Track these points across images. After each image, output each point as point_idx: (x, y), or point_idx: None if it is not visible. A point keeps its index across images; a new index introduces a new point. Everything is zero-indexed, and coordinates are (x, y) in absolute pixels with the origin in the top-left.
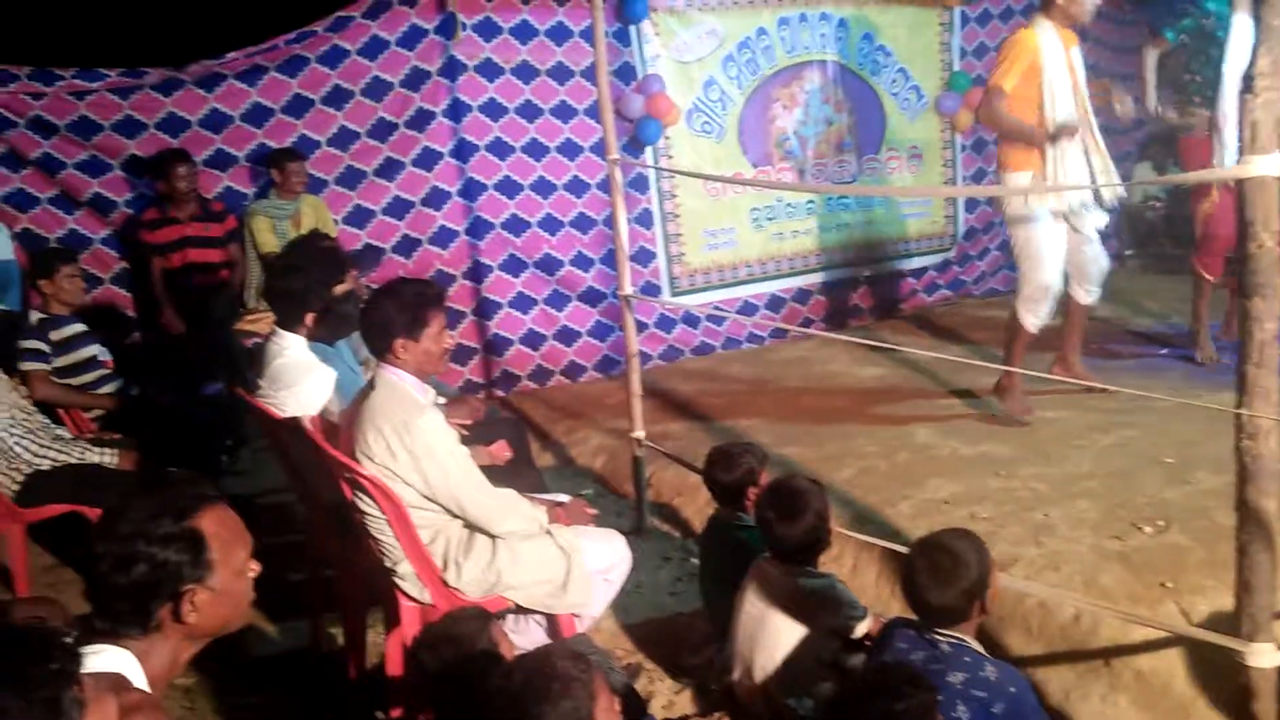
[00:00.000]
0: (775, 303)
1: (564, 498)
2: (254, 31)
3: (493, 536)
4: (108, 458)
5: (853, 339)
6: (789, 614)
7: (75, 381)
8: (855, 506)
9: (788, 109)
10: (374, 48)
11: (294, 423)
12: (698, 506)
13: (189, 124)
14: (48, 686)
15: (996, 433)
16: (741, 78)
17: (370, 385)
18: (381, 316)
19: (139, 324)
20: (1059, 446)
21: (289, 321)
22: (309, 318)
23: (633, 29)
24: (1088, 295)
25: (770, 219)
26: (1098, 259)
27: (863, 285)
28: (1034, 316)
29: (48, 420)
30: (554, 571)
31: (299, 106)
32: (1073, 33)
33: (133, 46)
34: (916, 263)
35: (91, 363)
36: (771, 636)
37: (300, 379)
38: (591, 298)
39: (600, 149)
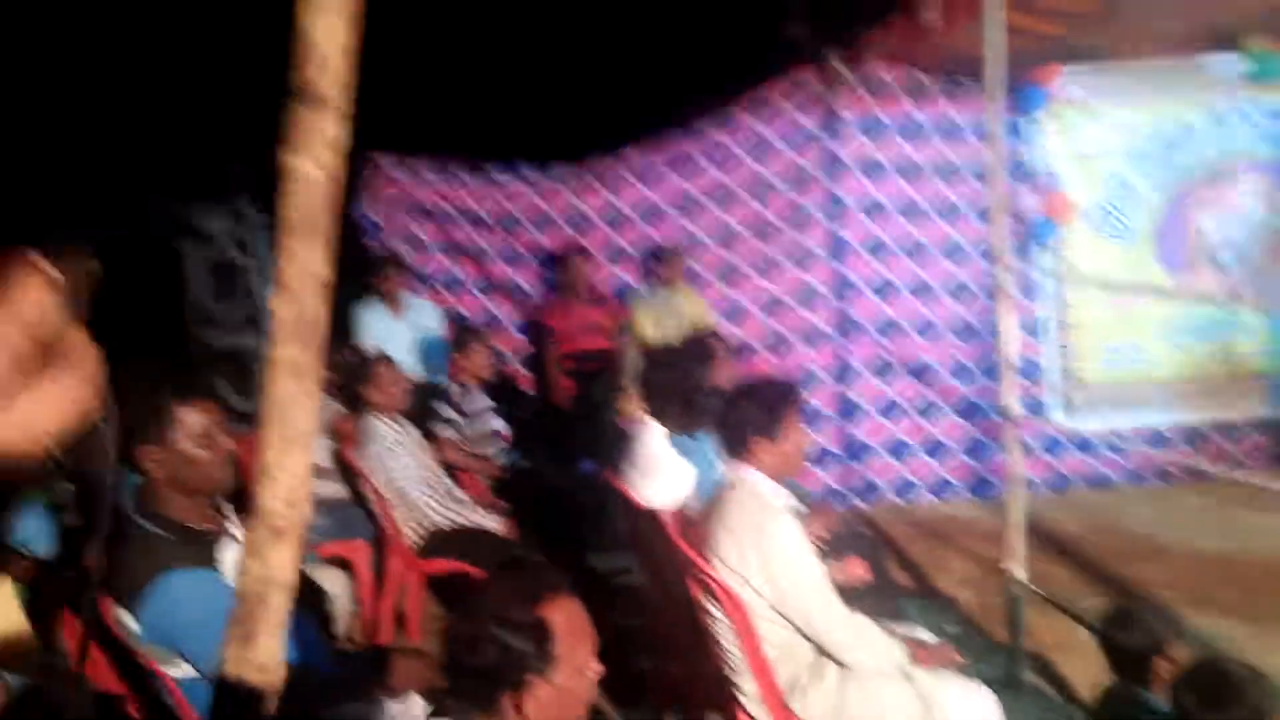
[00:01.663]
0: (1193, 436)
1: (926, 634)
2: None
3: (843, 665)
4: (495, 523)
5: None
6: None
7: (477, 449)
8: None
9: (1215, 211)
10: (758, 146)
11: (651, 512)
12: (1085, 667)
13: (591, 220)
14: None
15: None
16: (1158, 175)
17: (727, 484)
18: (739, 415)
19: (534, 400)
20: None
21: (657, 412)
22: (674, 409)
23: (1026, 122)
24: None
25: (1192, 335)
26: None
27: None
28: None
29: (451, 483)
30: (909, 719)
31: (687, 205)
32: None
33: (546, 143)
34: None
35: (491, 433)
36: None
37: (659, 470)
38: (968, 411)
39: (988, 251)
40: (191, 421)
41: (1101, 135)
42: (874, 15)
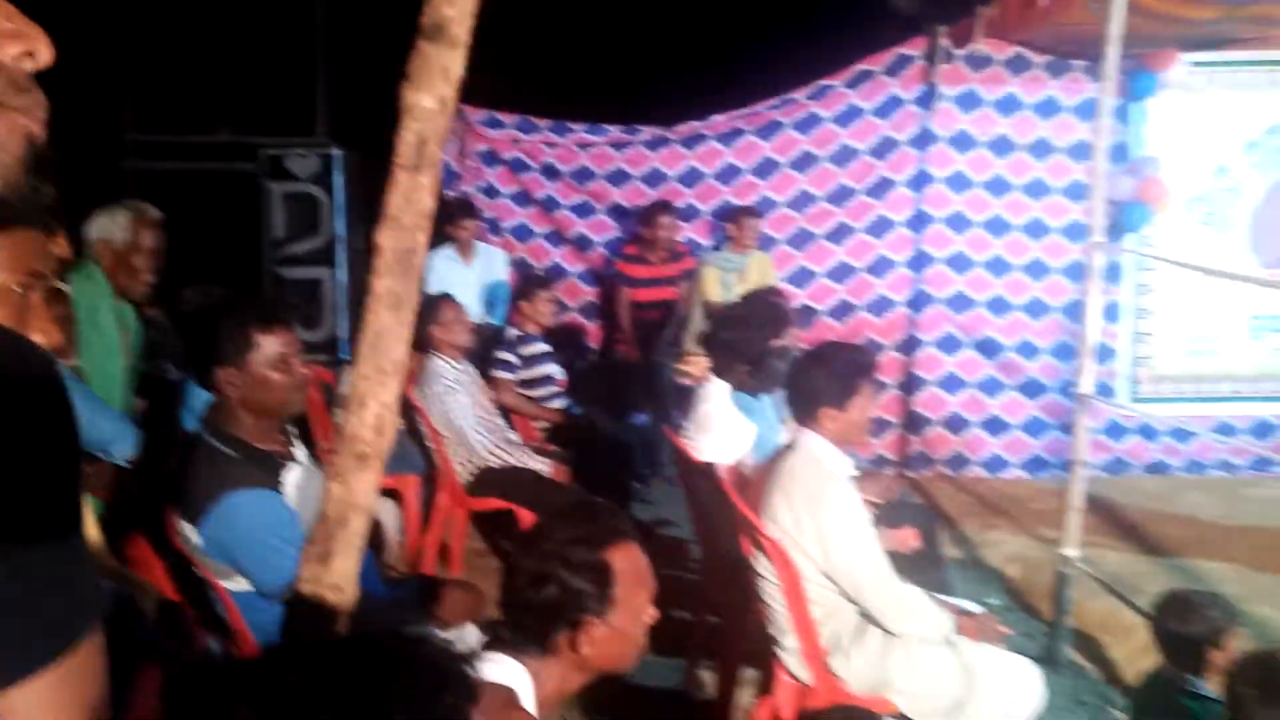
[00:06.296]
0: (1264, 429)
1: (973, 606)
2: (739, 98)
3: (888, 631)
4: (544, 466)
5: None
6: None
7: (532, 393)
8: None
9: None
10: (848, 116)
11: (708, 467)
12: (1129, 651)
13: (667, 178)
14: (440, 716)
15: None
16: (1265, 166)
17: (788, 447)
18: (809, 381)
19: (591, 351)
20: None
21: (722, 370)
22: (738, 368)
23: (1133, 106)
24: None
25: (1277, 330)
26: None
27: None
28: None
29: (504, 424)
30: (952, 688)
31: (766, 168)
32: None
33: (632, 107)
34: None
35: (547, 379)
36: None
37: (719, 426)
38: (1031, 389)
39: (1073, 231)
40: (271, 347)
41: (1211, 122)
42: None
